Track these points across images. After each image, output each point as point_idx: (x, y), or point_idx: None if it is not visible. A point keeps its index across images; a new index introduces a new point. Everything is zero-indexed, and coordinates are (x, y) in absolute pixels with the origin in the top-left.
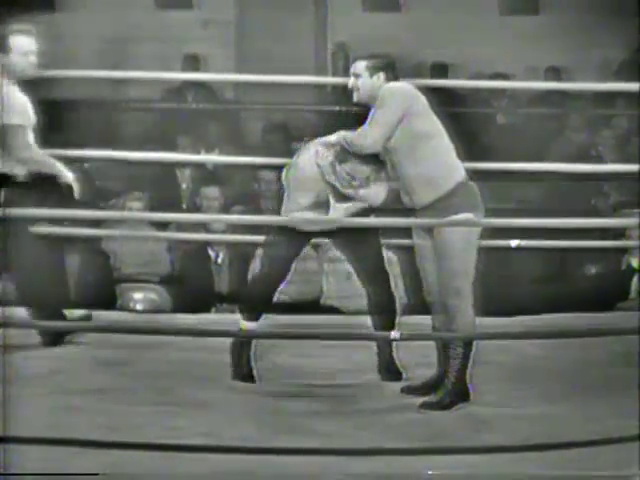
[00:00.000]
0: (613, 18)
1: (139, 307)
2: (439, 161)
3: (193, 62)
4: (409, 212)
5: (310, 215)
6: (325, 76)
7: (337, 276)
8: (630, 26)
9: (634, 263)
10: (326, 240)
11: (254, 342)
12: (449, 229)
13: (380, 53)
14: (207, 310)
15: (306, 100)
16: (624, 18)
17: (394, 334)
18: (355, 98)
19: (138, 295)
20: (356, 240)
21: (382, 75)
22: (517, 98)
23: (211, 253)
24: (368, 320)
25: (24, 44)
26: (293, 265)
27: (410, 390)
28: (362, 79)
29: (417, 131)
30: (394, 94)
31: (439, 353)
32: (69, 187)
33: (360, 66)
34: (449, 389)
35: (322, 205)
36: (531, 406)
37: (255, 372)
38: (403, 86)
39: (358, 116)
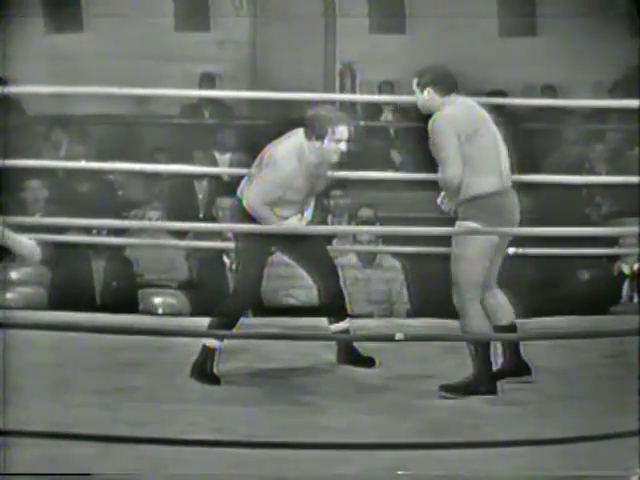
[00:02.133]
0: (607, 41)
1: (159, 311)
2: (476, 168)
3: (209, 80)
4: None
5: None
6: (333, 93)
7: (344, 281)
8: (623, 48)
9: (625, 269)
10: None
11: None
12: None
13: (427, 68)
14: None
15: None
16: (618, 41)
17: (399, 335)
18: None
19: (158, 300)
20: (302, 244)
21: (430, 89)
22: (515, 114)
23: (226, 260)
24: (372, 322)
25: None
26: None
27: (449, 389)
28: (416, 95)
29: (468, 149)
30: (439, 129)
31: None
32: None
33: (414, 83)
34: (469, 379)
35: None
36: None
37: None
38: (444, 120)
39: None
